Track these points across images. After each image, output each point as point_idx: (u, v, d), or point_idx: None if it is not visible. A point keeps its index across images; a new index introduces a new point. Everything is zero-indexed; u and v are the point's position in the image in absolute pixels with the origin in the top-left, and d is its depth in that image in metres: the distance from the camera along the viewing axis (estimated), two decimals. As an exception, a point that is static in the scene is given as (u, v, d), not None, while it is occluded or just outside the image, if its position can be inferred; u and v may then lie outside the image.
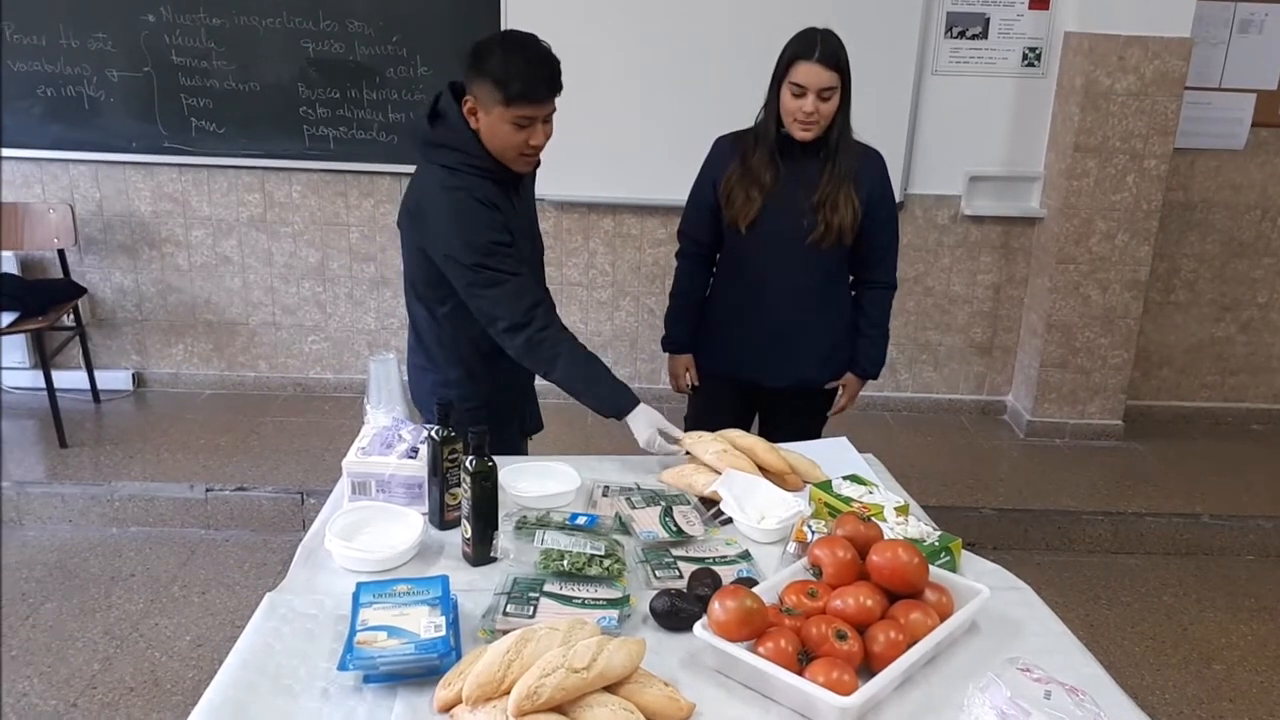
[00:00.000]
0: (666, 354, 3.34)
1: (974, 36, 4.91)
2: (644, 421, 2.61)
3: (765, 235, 2.98)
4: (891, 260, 3.19)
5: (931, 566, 1.96)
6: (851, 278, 3.20)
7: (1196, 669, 3.67)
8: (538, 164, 2.70)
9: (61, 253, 5.01)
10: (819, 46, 2.79)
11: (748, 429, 3.16)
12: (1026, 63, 4.95)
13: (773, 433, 3.08)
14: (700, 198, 3.12)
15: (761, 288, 3.07)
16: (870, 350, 3.22)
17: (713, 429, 2.68)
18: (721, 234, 3.12)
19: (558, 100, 2.55)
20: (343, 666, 1.72)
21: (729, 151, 3.04)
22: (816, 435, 3.25)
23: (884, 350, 3.25)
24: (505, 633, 1.74)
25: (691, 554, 2.17)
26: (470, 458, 2.10)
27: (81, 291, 5.03)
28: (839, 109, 2.88)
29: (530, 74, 2.47)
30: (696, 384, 3.28)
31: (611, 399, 2.63)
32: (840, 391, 3.26)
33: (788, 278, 3.04)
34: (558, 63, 2.52)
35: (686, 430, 2.70)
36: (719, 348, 3.22)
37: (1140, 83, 4.70)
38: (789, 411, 3.25)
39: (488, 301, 2.59)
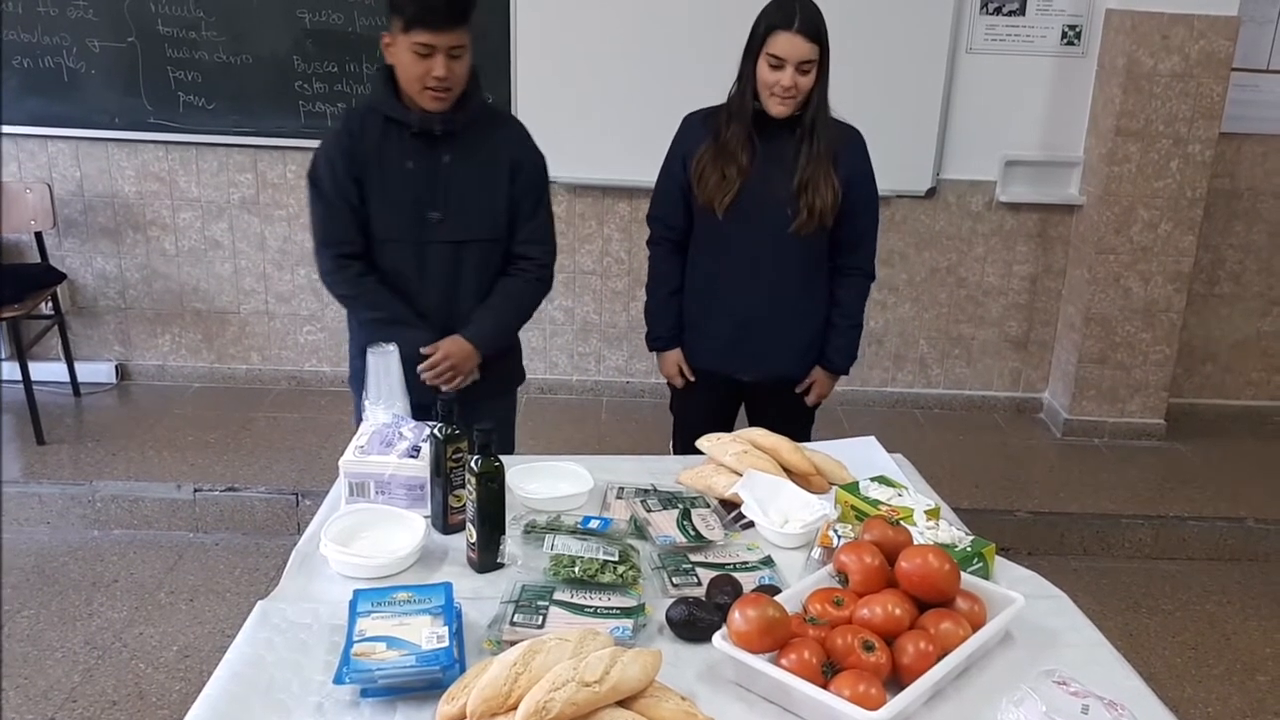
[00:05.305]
0: (654, 353, 3.32)
1: (1011, 13, 4.90)
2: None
3: (742, 220, 2.97)
4: (870, 247, 3.17)
5: (963, 573, 1.95)
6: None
7: (1240, 680, 3.67)
8: (454, 108, 2.73)
9: (39, 235, 5.03)
10: (798, 16, 2.77)
11: (730, 427, 3.15)
12: (1066, 41, 4.94)
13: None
14: (670, 179, 3.10)
15: (737, 275, 3.06)
16: (841, 343, 3.18)
17: (698, 427, 2.69)
18: (694, 218, 3.10)
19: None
20: (339, 680, 1.72)
21: (700, 128, 3.02)
22: (806, 435, 3.23)
23: (856, 344, 3.22)
24: (512, 644, 1.75)
25: (710, 560, 2.17)
26: (476, 457, 2.09)
27: (61, 277, 5.04)
28: (816, 83, 2.86)
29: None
30: (692, 379, 3.23)
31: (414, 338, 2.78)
32: (811, 388, 3.23)
33: (766, 265, 3.03)
34: None
35: (674, 432, 2.67)
36: (691, 338, 3.21)
37: (1185, 63, 4.68)
38: (773, 409, 3.22)
39: (311, 218, 2.86)
